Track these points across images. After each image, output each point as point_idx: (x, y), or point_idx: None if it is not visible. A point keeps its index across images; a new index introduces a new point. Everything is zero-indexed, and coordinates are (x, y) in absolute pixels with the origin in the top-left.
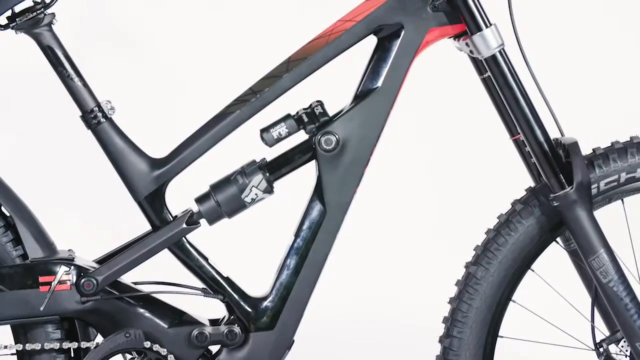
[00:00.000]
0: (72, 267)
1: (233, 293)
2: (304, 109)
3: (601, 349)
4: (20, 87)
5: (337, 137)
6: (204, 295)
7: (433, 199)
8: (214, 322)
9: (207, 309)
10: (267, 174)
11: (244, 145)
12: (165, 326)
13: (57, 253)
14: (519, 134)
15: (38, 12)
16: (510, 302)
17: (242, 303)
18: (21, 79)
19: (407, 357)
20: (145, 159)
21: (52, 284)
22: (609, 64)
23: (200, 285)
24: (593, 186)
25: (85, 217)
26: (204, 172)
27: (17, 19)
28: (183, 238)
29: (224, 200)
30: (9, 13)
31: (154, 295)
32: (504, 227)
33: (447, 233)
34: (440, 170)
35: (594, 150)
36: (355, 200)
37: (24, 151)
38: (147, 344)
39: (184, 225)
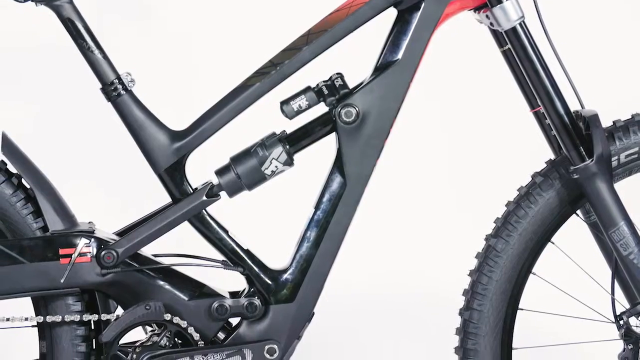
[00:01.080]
0: (93, 240)
1: (253, 265)
2: (324, 81)
3: (621, 322)
4: (39, 60)
5: (357, 109)
6: (224, 268)
7: (453, 172)
8: (234, 295)
9: (227, 282)
10: (287, 146)
11: (264, 118)
12: (186, 298)
13: (77, 225)
14: (539, 106)
15: None
16: (531, 274)
17: (262, 275)
18: (40, 52)
19: (427, 329)
20: (166, 131)
21: (73, 256)
22: (630, 35)
23: (220, 257)
24: (613, 158)
25: (106, 190)
26: (224, 145)
27: None
28: (203, 210)
29: (244, 172)
30: None
31: (174, 267)
32: (524, 199)
33: (468, 205)
34: (461, 143)
35: (614, 122)
36: (375, 173)
37: (43, 124)
38: (167, 317)
39: (204, 198)
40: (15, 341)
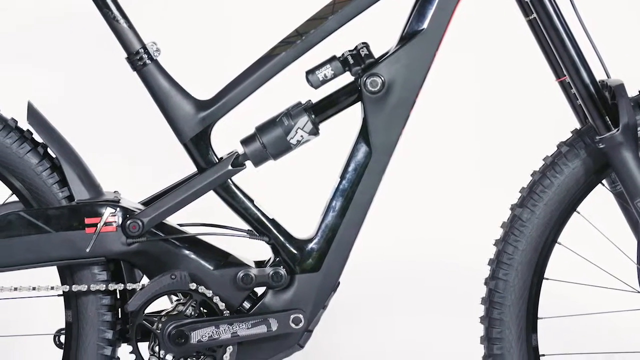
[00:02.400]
0: (118, 209)
1: (278, 235)
2: (349, 50)
3: None
4: (65, 30)
5: (382, 79)
6: (249, 237)
7: (479, 141)
8: (260, 264)
9: (253, 251)
10: (313, 116)
11: (289, 87)
12: (211, 268)
13: (103, 195)
14: (565, 75)
15: None
16: (556, 244)
17: (287, 245)
18: (66, 21)
19: (453, 299)
20: (191, 100)
21: (98, 225)
22: None
23: (246, 227)
24: (639, 128)
25: (131, 159)
26: (249, 114)
27: None
28: (228, 180)
29: (270, 142)
30: None
31: (199, 237)
32: (550, 169)
33: (493, 175)
34: (486, 112)
35: None
36: (401, 142)
37: (69, 94)
38: (193, 286)
39: (230, 167)
40: (41, 310)
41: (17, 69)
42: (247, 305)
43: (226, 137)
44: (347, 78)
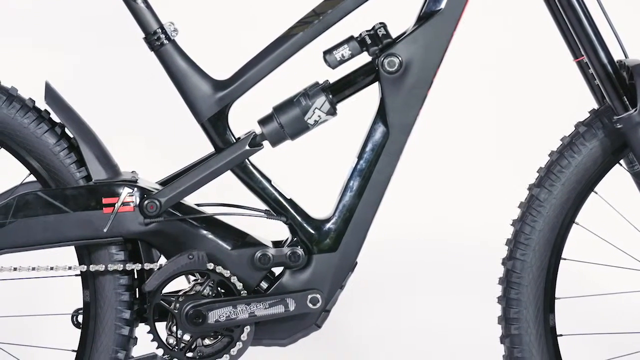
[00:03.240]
0: (136, 189)
1: (296, 215)
2: (367, 30)
3: None
4: (83, 9)
5: (400, 59)
6: (266, 217)
7: (496, 121)
8: (277, 244)
9: (270, 231)
10: (330, 96)
11: (306, 67)
12: (228, 248)
13: (120, 175)
14: (583, 56)
15: None
16: (574, 224)
17: (305, 225)
18: (84, 0)
19: (470, 279)
20: (208, 80)
21: (116, 205)
22: None
23: (263, 207)
24: None
25: (149, 139)
26: (267, 94)
27: None
28: (246, 160)
29: (287, 122)
30: None
31: (217, 217)
32: (567, 149)
33: (510, 155)
34: (504, 92)
35: None
36: (418, 122)
37: (86, 74)
38: (210, 266)
39: (247, 147)
40: (59, 290)
41: (35, 49)
42: (264, 285)
43: (244, 117)
44: (364, 58)
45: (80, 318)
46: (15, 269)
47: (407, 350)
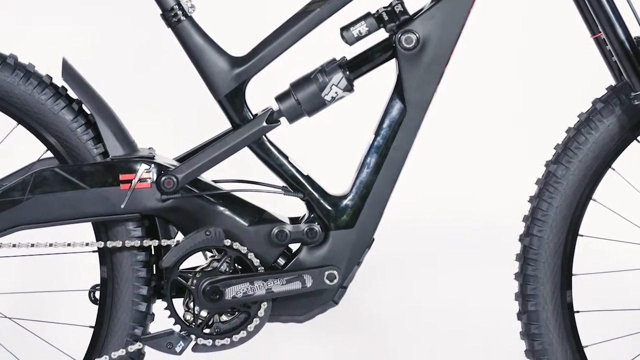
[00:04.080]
0: (153, 165)
1: (313, 191)
2: (384, 7)
3: None
4: None
5: (417, 35)
6: (284, 194)
7: (514, 98)
8: (294, 221)
9: (287, 208)
10: (347, 72)
11: (324, 44)
12: (246, 224)
13: (137, 151)
14: (600, 32)
15: None
16: (591, 200)
17: (322, 201)
18: None
19: (487, 255)
20: (226, 57)
21: (133, 181)
22: None
23: (280, 183)
24: None
25: (166, 116)
26: (284, 71)
27: None
28: (263, 136)
29: (304, 98)
30: None
31: (234, 193)
32: (585, 125)
33: (527, 132)
34: (521, 69)
35: None
36: (435, 99)
37: (104, 50)
38: (227, 242)
39: (264, 124)
40: (76, 266)
41: (52, 26)
42: (281, 261)
43: (261, 94)
44: (381, 35)
45: (97, 294)
46: (32, 245)
47: (424, 326)
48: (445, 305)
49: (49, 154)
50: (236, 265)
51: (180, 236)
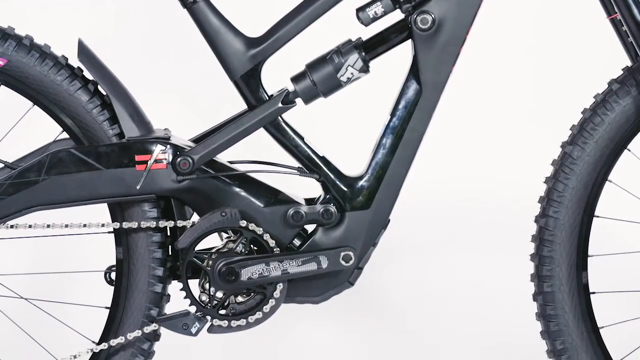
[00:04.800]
0: (168, 146)
1: (329, 172)
2: None
3: None
4: None
5: (433, 16)
6: (299, 174)
7: (529, 78)
8: (310, 202)
9: (303, 189)
10: (363, 53)
11: (339, 25)
12: (261, 205)
13: (153, 132)
14: (616, 13)
15: None
16: (606, 181)
17: (337, 182)
18: None
19: (503, 235)
20: (241, 38)
21: (149, 162)
22: None
23: (296, 164)
24: None
25: (181, 97)
26: (299, 52)
27: None
28: (279, 117)
29: (320, 79)
30: None
31: (249, 174)
32: (601, 106)
33: (543, 113)
34: (537, 50)
35: None
36: (451, 79)
37: (119, 31)
38: (243, 223)
39: (280, 104)
40: (92, 247)
41: (68, 7)
42: (297, 242)
43: (276, 75)
44: (397, 15)
45: (113, 275)
46: (48, 226)
47: (440, 307)
48: (460, 287)
49: (65, 135)
50: (252, 246)
51: (195, 217)
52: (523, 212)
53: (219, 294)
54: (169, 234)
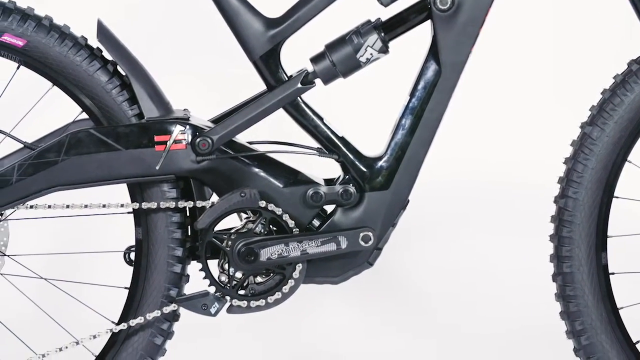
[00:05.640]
0: (188, 127)
1: (348, 153)
2: None
3: None
4: None
5: None
6: (318, 155)
7: (548, 59)
8: (329, 182)
9: (322, 170)
10: (382, 34)
11: (358, 5)
12: (280, 185)
13: (172, 112)
14: None
15: None
16: (626, 162)
17: (357, 162)
18: None
19: (522, 216)
20: (261, 18)
21: (168, 143)
22: None
23: (315, 145)
24: None
25: (201, 77)
26: (319, 32)
27: None
28: (298, 98)
29: (339, 59)
30: None
31: (269, 154)
32: (620, 87)
33: (563, 93)
34: (556, 30)
35: None
36: (471, 60)
37: (138, 11)
38: (262, 204)
39: (299, 85)
40: (111, 228)
41: None
42: (316, 223)
43: (296, 55)
44: None
45: (132, 255)
46: (67, 206)
47: (459, 287)
48: (480, 267)
49: (84, 116)
50: (271, 226)
51: (215, 197)
52: (542, 192)
53: (238, 275)
54: (188, 214)
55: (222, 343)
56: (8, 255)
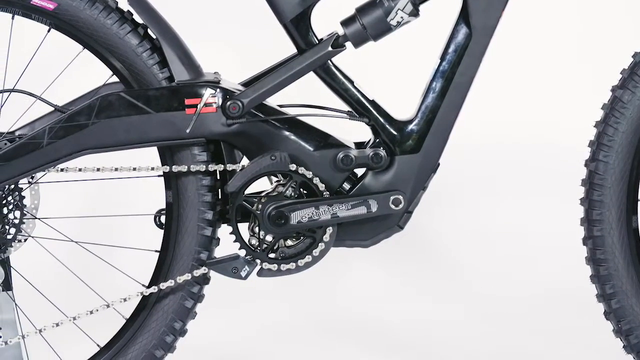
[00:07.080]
0: (218, 90)
1: (378, 116)
2: None
3: None
4: None
5: None
6: (349, 118)
7: (578, 23)
8: (359, 146)
9: (353, 133)
10: None
11: None
12: (311, 149)
13: (203, 76)
14: None
15: None
16: None
17: (387, 126)
18: None
19: (553, 179)
20: None
21: (198, 106)
22: None
23: (346, 108)
24: None
25: (231, 40)
26: None
27: None
28: (329, 61)
29: (370, 23)
30: None
31: (299, 118)
32: None
33: (593, 57)
34: None
35: None
36: (501, 25)
37: None
38: (293, 167)
39: (330, 48)
40: (142, 191)
41: None
42: (346, 186)
43: (327, 19)
44: None
45: (163, 219)
46: (98, 169)
47: (489, 251)
48: (510, 230)
49: (115, 79)
50: (301, 190)
51: (245, 161)
52: (573, 156)
53: (269, 238)
54: (218, 177)
55: (250, 307)
56: (39, 219)
